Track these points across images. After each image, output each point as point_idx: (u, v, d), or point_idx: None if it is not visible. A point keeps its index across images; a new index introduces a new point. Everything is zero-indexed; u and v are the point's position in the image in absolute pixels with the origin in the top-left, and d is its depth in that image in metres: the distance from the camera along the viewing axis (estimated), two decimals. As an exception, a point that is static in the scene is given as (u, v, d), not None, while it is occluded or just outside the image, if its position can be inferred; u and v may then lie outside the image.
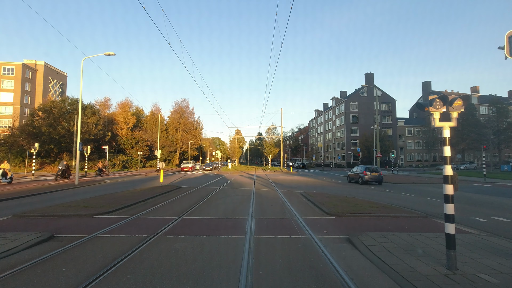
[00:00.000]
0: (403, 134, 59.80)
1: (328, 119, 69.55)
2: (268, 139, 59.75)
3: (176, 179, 23.09)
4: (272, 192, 13.74)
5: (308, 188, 16.32)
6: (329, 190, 14.81)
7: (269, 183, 19.83)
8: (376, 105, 58.88)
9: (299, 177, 27.55)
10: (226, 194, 12.70)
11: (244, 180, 22.32)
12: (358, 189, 16.13)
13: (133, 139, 43.36)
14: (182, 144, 58.29)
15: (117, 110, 46.41)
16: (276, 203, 10.10)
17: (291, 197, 11.81)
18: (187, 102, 59.43)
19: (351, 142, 57.92)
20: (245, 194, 12.87)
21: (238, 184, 19.07)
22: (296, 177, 26.63)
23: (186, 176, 27.41)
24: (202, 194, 12.75)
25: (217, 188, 15.31)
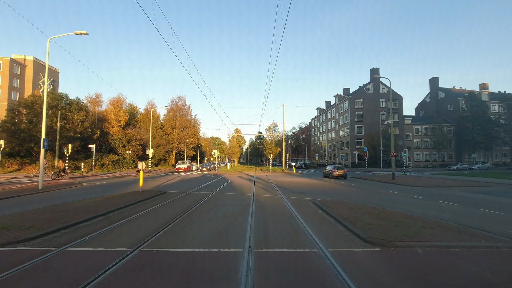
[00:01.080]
0: (410, 133, 57.06)
1: (331, 117, 66.83)
2: (269, 138, 57.08)
3: (165, 182, 20.37)
4: (276, 199, 11.04)
5: (318, 192, 13.63)
6: (345, 196, 12.13)
7: (271, 186, 17.14)
8: (382, 102, 56.47)
9: (304, 178, 24.85)
10: (218, 203, 9.99)
11: (243, 183, 19.61)
12: (378, 194, 13.44)
13: (124, 137, 40.64)
14: (178, 143, 55.59)
15: (109, 107, 43.63)
16: (283, 219, 7.38)
17: (301, 207, 9.11)
18: (183, 99, 56.82)
19: (356, 141, 55.19)
20: (242, 202, 10.17)
21: (235, 188, 16.39)
22: (300, 179, 23.94)
23: (179, 178, 24.71)
24: (188, 203, 10.05)
25: (209, 194, 12.59)
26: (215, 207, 9.08)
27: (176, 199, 11.01)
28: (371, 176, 27.84)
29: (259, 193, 12.89)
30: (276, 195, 12.23)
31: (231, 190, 14.53)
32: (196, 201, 10.28)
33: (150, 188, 14.49)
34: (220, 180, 22.56)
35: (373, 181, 22.44)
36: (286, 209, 8.68)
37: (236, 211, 8.48)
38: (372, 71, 56.67)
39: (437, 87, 62.45)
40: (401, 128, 56.04)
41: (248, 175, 29.94)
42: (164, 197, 11.36)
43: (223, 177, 25.78)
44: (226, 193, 12.99)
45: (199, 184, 18.56)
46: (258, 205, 9.41)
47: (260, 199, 10.99)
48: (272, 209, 8.72)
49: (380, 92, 55.97)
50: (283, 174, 32.51)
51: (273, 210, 8.56)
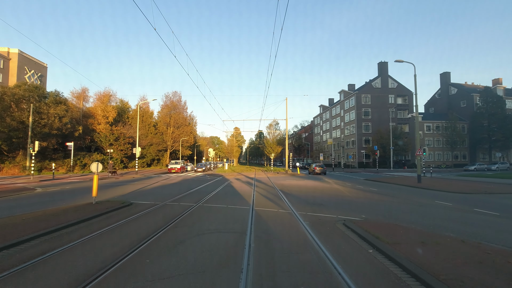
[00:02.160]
0: (421, 131, 53.36)
1: (336, 114, 63.19)
2: (270, 136, 53.44)
3: (145, 187, 16.73)
4: (286, 218, 7.43)
5: (340, 203, 10.00)
6: (381, 210, 8.54)
7: (275, 193, 13.52)
8: (391, 98, 52.75)
9: (312, 181, 21.23)
10: (195, 229, 6.36)
11: (240, 188, 16.00)
12: (421, 206, 9.81)
13: (111, 135, 36.98)
14: (173, 142, 51.97)
15: (96, 102, 39.94)
16: (312, 279, 3.75)
17: (332, 238, 5.49)
18: (179, 95, 53.18)
19: (363, 139, 51.54)
20: (234, 226, 6.55)
21: (228, 196, 12.78)
22: (308, 182, 20.32)
23: (165, 181, 21.07)
24: (149, 227, 6.43)
25: (190, 208, 8.95)
26: (185, 240, 5.44)
27: (137, 217, 7.39)
28: (389, 178, 24.21)
29: (261, 206, 9.26)
30: (285, 209, 8.60)
31: (223, 200, 10.88)
32: (164, 223, 6.65)
33: (113, 198, 10.83)
34: (214, 183, 18.94)
35: (395, 184, 18.83)
36: (308, 245, 5.05)
37: (220, 250, 4.85)
38: (380, 65, 53.06)
39: (449, 82, 58.79)
40: (412, 126, 52.35)
41: (247, 176, 26.33)
42: (122, 214, 7.75)
43: (218, 180, 22.15)
44: (214, 206, 9.36)
45: (185, 189, 14.94)
46: (260, 233, 5.79)
47: (263, 217, 7.38)
48: (283, 246, 5.10)
49: (389, 87, 52.33)
50: (287, 175, 28.89)
51: (287, 248, 4.94)
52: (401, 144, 46.43)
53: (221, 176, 26.86)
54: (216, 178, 24.83)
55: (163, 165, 50.85)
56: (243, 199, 11.25)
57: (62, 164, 29.50)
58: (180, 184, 18.76)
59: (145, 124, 48.03)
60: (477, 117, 50.87)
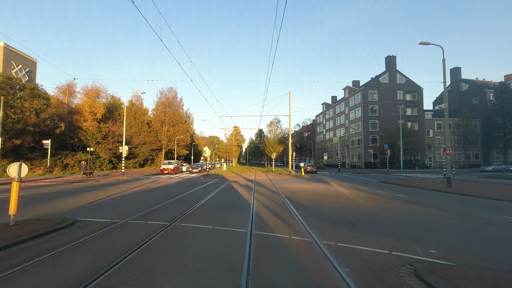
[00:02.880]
0: (431, 129, 50.40)
1: (340, 112, 60.20)
2: (271, 134, 50.47)
3: (116, 194, 13.72)
4: (306, 257, 4.46)
5: (378, 221, 7.01)
6: (444, 231, 5.57)
7: (280, 202, 10.52)
8: (399, 94, 49.68)
9: (320, 184, 18.24)
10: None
11: (236, 195, 13.04)
12: (487, 223, 6.85)
13: (99, 132, 33.97)
14: (168, 140, 48.96)
15: (82, 98, 36.88)
16: None
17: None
18: (174, 91, 50.21)
19: (370, 138, 48.53)
20: (217, 278, 3.57)
21: (220, 208, 9.79)
22: (316, 186, 17.34)
23: (149, 185, 18.09)
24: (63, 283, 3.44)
25: (157, 233, 5.94)
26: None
27: (55, 256, 4.42)
28: (408, 180, 21.20)
29: (263, 227, 6.26)
30: (301, 234, 5.60)
31: (210, 216, 7.85)
32: (96, 272, 3.67)
33: (52, 214, 7.80)
34: (206, 187, 15.94)
35: (421, 189, 15.84)
36: None
37: None
38: (388, 60, 50.06)
39: (459, 78, 55.77)
40: (421, 124, 49.38)
41: (246, 179, 23.35)
42: (38, 248, 4.77)
43: (212, 183, 19.17)
44: (194, 227, 6.37)
45: (168, 196, 11.95)
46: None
47: (267, 256, 4.41)
48: None
49: (397, 83, 49.31)
50: (290, 177, 25.92)
51: None
52: (412, 143, 43.39)
53: (217, 178, 23.88)
54: (210, 180, 21.85)
55: (158, 165, 47.80)
56: (239, 213, 8.24)
57: (39, 164, 26.51)
58: (166, 188, 15.78)
59: (138, 121, 45.06)
60: (491, 114, 47.87)
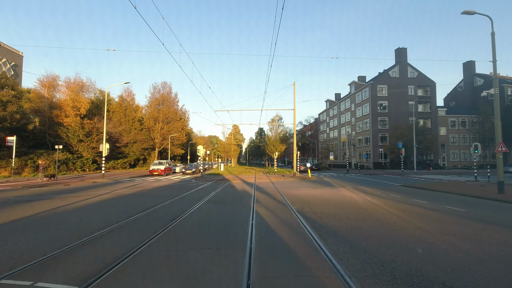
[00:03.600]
0: (445, 126, 46.97)
1: (345, 109, 56.78)
2: (272, 132, 47.02)
3: (62, 206, 10.30)
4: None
5: (477, 274, 3.67)
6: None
7: (293, 222, 7.00)
8: (411, 89, 46.18)
9: (336, 190, 14.84)
10: None
11: (230, 207, 9.66)
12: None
13: (81, 129, 30.57)
14: (162, 139, 45.62)
15: (65, 92, 33.44)
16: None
17: None
18: (169, 86, 46.78)
19: (379, 136, 45.10)
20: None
21: (201, 233, 6.19)
22: (332, 192, 13.96)
23: (124, 191, 14.69)
24: None
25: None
26: None
27: None
28: (436, 184, 17.74)
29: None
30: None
31: (179, 260, 4.38)
32: None
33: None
34: (193, 195, 12.50)
35: (464, 196, 12.41)
36: None
37: None
38: (398, 52, 46.63)
39: (473, 72, 52.30)
40: (434, 121, 45.94)
41: (244, 182, 19.95)
42: None
43: (203, 187, 15.77)
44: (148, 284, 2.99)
45: (134, 211, 8.50)
46: None
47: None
48: None
49: (408, 77, 45.88)
50: (296, 180, 22.54)
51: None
52: (425, 141, 39.96)
53: (211, 181, 20.49)
54: (203, 183, 18.48)
55: (150, 165, 44.46)
56: (228, 250, 4.80)
57: (6, 165, 23.18)
58: (142, 196, 12.40)
59: (128, 118, 41.71)
60: (510, 111, 44.36)
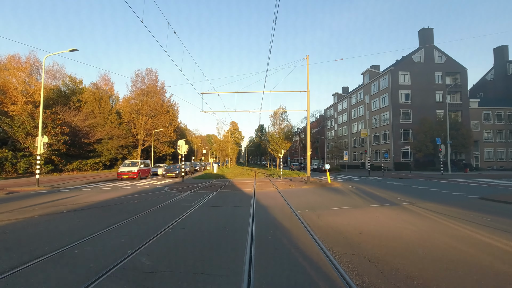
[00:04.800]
0: (477, 120, 40.21)
1: (357, 102, 50.04)
2: (275, 128, 40.28)
3: None
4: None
5: None
6: None
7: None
8: (438, 76, 39.17)
9: (405, 215, 8.04)
10: None
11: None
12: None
13: (31, 120, 23.78)
14: (146, 135, 38.88)
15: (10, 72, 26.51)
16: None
17: None
18: (154, 74, 39.99)
19: (401, 132, 38.35)
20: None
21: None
22: (404, 220, 7.19)
23: (37, 212, 7.81)
24: None
25: None
26: None
27: None
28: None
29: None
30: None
31: None
32: None
33: None
34: (138, 230, 5.50)
35: None
36: None
37: None
38: (422, 33, 39.87)
39: (506, 59, 45.52)
40: (465, 114, 39.15)
41: (240, 192, 13.10)
42: None
43: (171, 205, 8.88)
44: None
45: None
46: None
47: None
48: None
49: (435, 62, 39.10)
50: (313, 188, 15.81)
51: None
52: (460, 137, 33.22)
53: (190, 191, 13.69)
54: (178, 195, 11.74)
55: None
56: None
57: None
58: (52, 225, 5.58)
59: (103, 109, 34.98)
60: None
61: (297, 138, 78.32)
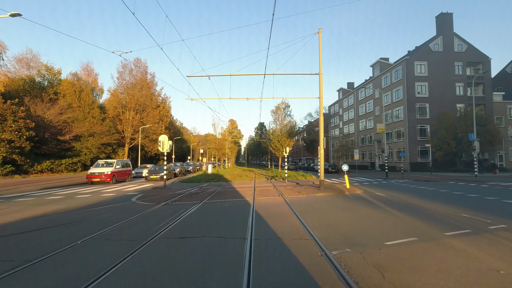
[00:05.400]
0: (503, 116, 36.36)
1: (366, 97, 46.22)
2: (276, 124, 36.42)
3: None
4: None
5: None
6: None
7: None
8: (458, 67, 35.26)
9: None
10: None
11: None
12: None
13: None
14: (133, 132, 35.07)
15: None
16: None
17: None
18: (143, 64, 36.14)
19: (417, 128, 34.49)
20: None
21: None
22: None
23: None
24: None
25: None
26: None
27: None
28: None
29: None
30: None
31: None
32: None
33: None
34: None
35: None
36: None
37: None
38: (440, 19, 36.00)
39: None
40: (489, 108, 35.29)
41: (234, 202, 9.24)
42: None
43: (94, 240, 4.97)
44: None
45: None
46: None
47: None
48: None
49: (455, 51, 35.24)
50: (330, 196, 12.02)
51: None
52: (487, 134, 29.38)
53: (171, 200, 9.83)
54: (146, 209, 7.86)
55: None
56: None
57: None
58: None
59: (84, 103, 31.15)
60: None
61: (298, 137, 74.30)
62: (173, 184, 18.22)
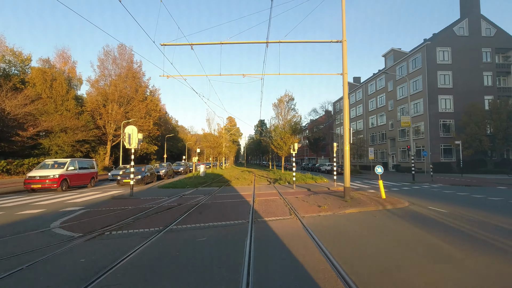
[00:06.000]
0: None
1: (376, 90, 42.07)
2: (279, 119, 32.23)
3: None
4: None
5: None
6: None
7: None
8: (486, 54, 30.60)
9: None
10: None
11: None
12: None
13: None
14: (117, 127, 30.89)
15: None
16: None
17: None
18: (129, 52, 31.93)
19: (440, 123, 30.31)
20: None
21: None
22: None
23: None
24: None
25: None
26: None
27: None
28: None
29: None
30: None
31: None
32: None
33: None
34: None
35: None
36: None
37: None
38: (465, 1, 31.79)
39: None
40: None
41: (220, 230, 5.08)
42: None
43: None
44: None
45: None
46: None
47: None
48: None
49: (483, 36, 31.05)
50: (369, 211, 7.83)
51: None
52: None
53: (118, 225, 5.58)
54: (57, 249, 3.48)
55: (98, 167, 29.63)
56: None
57: None
58: None
59: (57, 93, 26.98)
60: None
61: (300, 136, 69.97)
62: (148, 190, 14.06)
